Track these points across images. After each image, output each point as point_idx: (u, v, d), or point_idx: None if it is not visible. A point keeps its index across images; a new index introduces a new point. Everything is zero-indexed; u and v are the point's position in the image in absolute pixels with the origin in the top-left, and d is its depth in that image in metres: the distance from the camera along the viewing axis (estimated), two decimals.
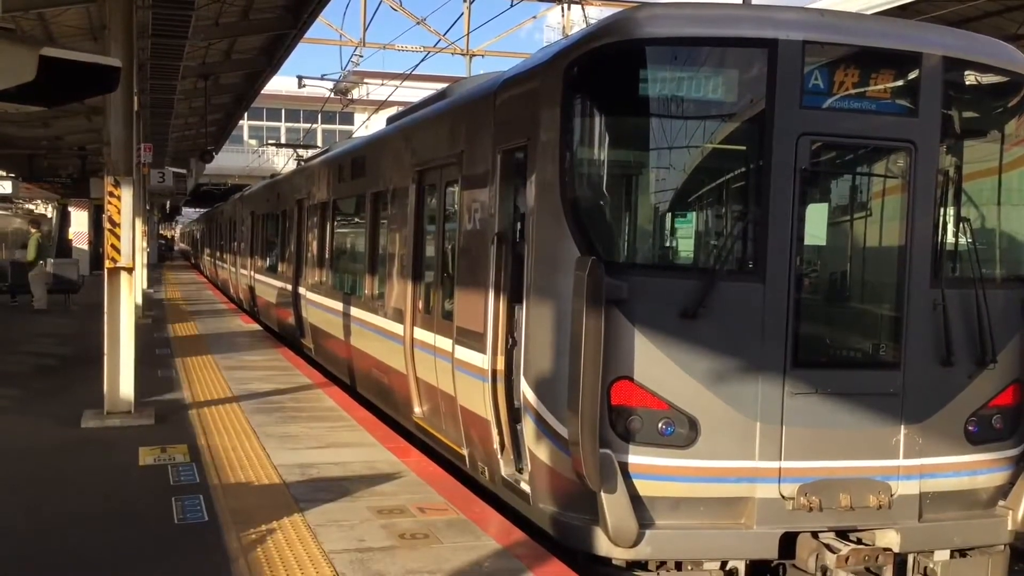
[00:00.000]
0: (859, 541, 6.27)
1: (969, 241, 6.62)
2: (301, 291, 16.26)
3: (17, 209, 42.46)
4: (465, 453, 8.17)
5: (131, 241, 10.07)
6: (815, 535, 6.19)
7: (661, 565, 6.13)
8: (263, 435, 9.45)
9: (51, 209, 42.82)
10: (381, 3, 24.00)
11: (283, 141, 47.27)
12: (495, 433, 7.30)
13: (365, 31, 25.19)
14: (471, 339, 7.67)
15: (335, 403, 11.36)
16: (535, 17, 36.49)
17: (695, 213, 6.85)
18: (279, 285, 18.70)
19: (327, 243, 14.52)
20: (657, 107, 6.42)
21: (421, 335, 9.26)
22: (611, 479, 5.88)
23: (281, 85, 46.68)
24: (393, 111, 16.37)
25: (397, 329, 9.93)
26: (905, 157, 6.43)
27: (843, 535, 6.27)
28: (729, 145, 6.62)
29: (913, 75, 6.37)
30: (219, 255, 34.49)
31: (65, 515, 6.95)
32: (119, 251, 9.99)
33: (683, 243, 6.98)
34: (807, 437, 6.20)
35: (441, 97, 10.31)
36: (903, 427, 6.37)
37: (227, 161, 47.36)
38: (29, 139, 27.62)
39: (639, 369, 6.05)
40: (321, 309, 14.53)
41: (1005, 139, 6.88)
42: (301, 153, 26.24)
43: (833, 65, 6.23)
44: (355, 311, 12.16)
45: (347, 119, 52.06)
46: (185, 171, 34.68)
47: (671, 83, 6.38)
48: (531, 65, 7.28)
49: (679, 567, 6.14)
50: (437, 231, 9.13)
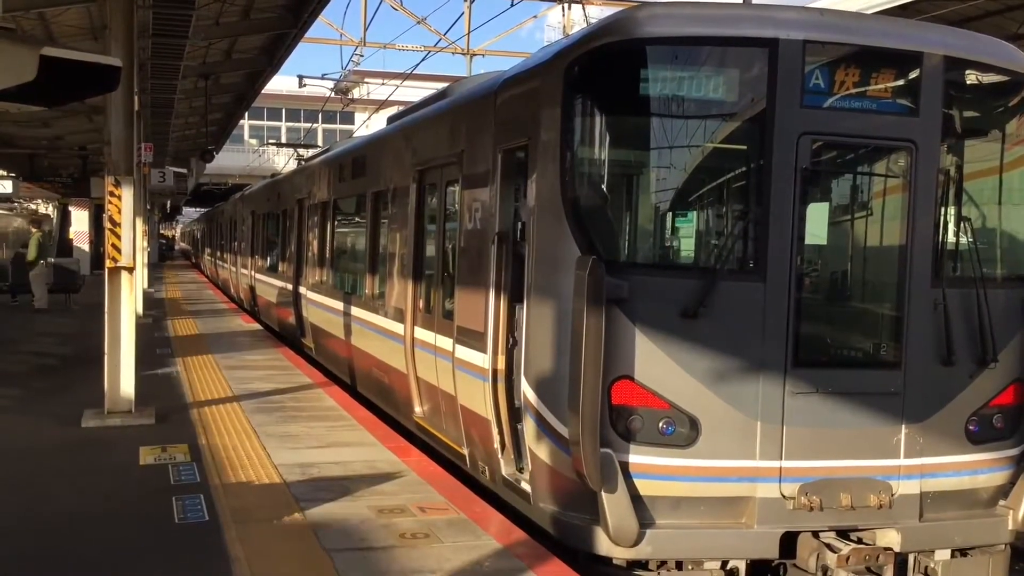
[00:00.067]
0: (860, 541, 6.26)
1: (970, 240, 6.61)
2: (302, 291, 16.26)
3: (23, 209, 42.36)
4: (465, 453, 8.17)
5: (132, 241, 10.08)
6: (816, 535, 6.19)
7: (662, 565, 6.13)
8: (263, 434, 9.45)
9: (52, 209, 42.81)
10: (381, 3, 24.02)
11: (284, 141, 47.23)
12: (495, 432, 7.30)
13: (365, 31, 25.20)
14: (472, 338, 7.67)
15: (335, 402, 11.35)
16: (536, 17, 36.56)
17: (696, 212, 6.85)
18: (280, 285, 18.69)
19: (328, 243, 14.51)
20: (658, 106, 6.42)
21: (422, 334, 9.26)
22: (612, 479, 5.88)
23: (282, 85, 46.68)
24: (393, 111, 16.37)
25: (398, 329, 9.93)
26: (906, 157, 6.42)
27: (844, 535, 6.26)
28: (730, 145, 6.61)
29: (914, 75, 6.36)
30: (220, 255, 34.48)
31: (65, 515, 6.95)
32: (119, 251, 10.00)
33: (684, 242, 6.97)
34: (808, 437, 6.20)
35: (441, 97, 10.31)
36: (904, 427, 6.37)
37: (228, 161, 47.34)
38: (30, 139, 27.63)
39: (640, 369, 6.05)
40: (322, 309, 14.52)
41: (1006, 138, 6.87)
42: (301, 153, 26.24)
43: (834, 64, 6.23)
44: (356, 311, 12.16)
45: (348, 119, 52.03)
46: (186, 171, 34.69)
47: (671, 82, 6.37)
48: (531, 65, 7.28)
49: (680, 567, 6.13)
50: (438, 231, 9.12)
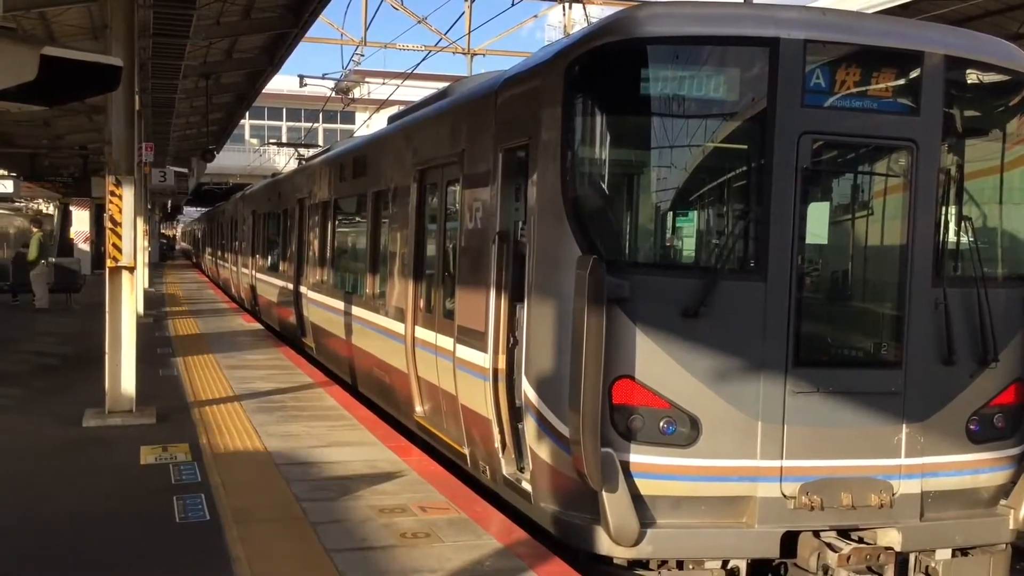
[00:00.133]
0: (861, 540, 6.26)
1: (971, 240, 6.61)
2: (302, 290, 16.26)
3: (28, 209, 42.27)
4: (466, 452, 8.17)
5: (132, 240, 10.08)
6: (816, 534, 6.18)
7: (662, 564, 6.13)
8: (264, 434, 9.45)
9: (53, 208, 42.80)
10: (382, 2, 24.05)
11: (284, 140, 47.24)
12: (496, 432, 7.30)
13: (366, 30, 25.21)
14: (472, 338, 7.66)
15: (336, 402, 11.35)
16: (536, 16, 36.61)
17: (696, 212, 6.85)
18: (280, 284, 18.70)
19: (328, 242, 14.51)
20: (658, 106, 6.42)
21: (422, 334, 9.26)
22: (612, 478, 5.88)
23: (282, 84, 46.67)
24: (394, 110, 16.38)
25: (398, 328, 9.93)
26: (907, 156, 6.42)
27: (845, 534, 6.26)
28: (730, 144, 6.61)
29: (915, 74, 6.36)
30: (220, 254, 34.48)
31: (66, 514, 6.95)
32: (120, 250, 10.00)
33: (684, 242, 6.97)
34: (808, 436, 6.20)
35: (442, 96, 10.30)
36: (905, 426, 6.36)
37: (228, 160, 47.38)
38: (30, 138, 27.66)
39: (640, 368, 6.05)
40: (322, 308, 14.52)
41: (1007, 138, 6.87)
42: (302, 152, 26.24)
43: (835, 64, 6.22)
44: (356, 310, 12.16)
45: (348, 118, 52.05)
46: (186, 170, 34.69)
47: (672, 82, 6.37)
48: (532, 64, 7.27)
49: (680, 566, 6.13)
50: (438, 230, 9.12)
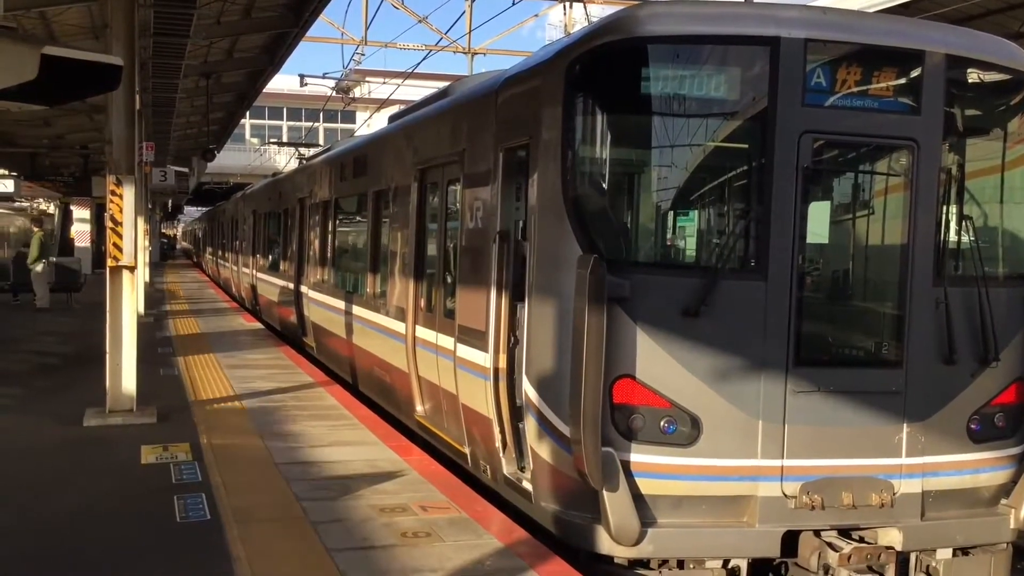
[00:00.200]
0: (861, 539, 6.26)
1: (971, 239, 6.60)
2: (303, 290, 16.26)
3: (33, 209, 42.24)
4: (467, 451, 8.17)
5: (133, 240, 10.08)
6: (817, 533, 6.18)
7: (663, 564, 6.13)
8: (265, 433, 9.43)
9: (53, 208, 42.80)
10: (383, 1, 24.06)
11: (285, 140, 47.25)
12: (497, 431, 7.29)
13: (367, 29, 25.17)
14: (473, 337, 7.66)
15: (337, 401, 11.35)
16: (537, 15, 36.65)
17: (697, 211, 6.84)
18: (281, 284, 18.70)
19: (329, 242, 14.51)
20: (659, 105, 6.41)
21: (423, 333, 9.26)
22: (613, 477, 5.88)
23: (283, 84, 46.74)
24: (395, 109, 16.37)
25: (399, 327, 9.93)
26: (907, 155, 6.42)
27: (845, 533, 6.26)
28: (731, 143, 6.61)
29: (915, 73, 6.36)
30: (221, 254, 34.49)
31: (66, 514, 6.95)
32: (121, 250, 10.00)
33: (685, 241, 6.97)
34: (809, 435, 6.19)
35: (443, 96, 10.30)
36: (905, 425, 6.36)
37: (229, 160, 47.43)
38: (31, 138, 27.65)
39: (641, 367, 6.05)
40: (323, 308, 14.52)
41: (1008, 137, 6.87)
42: (303, 152, 26.24)
43: (835, 63, 6.22)
44: (357, 310, 12.16)
45: (349, 118, 52.10)
46: (187, 170, 34.74)
47: (673, 81, 6.37)
48: (533, 63, 7.27)
49: (681, 566, 6.13)
50: (439, 229, 9.12)
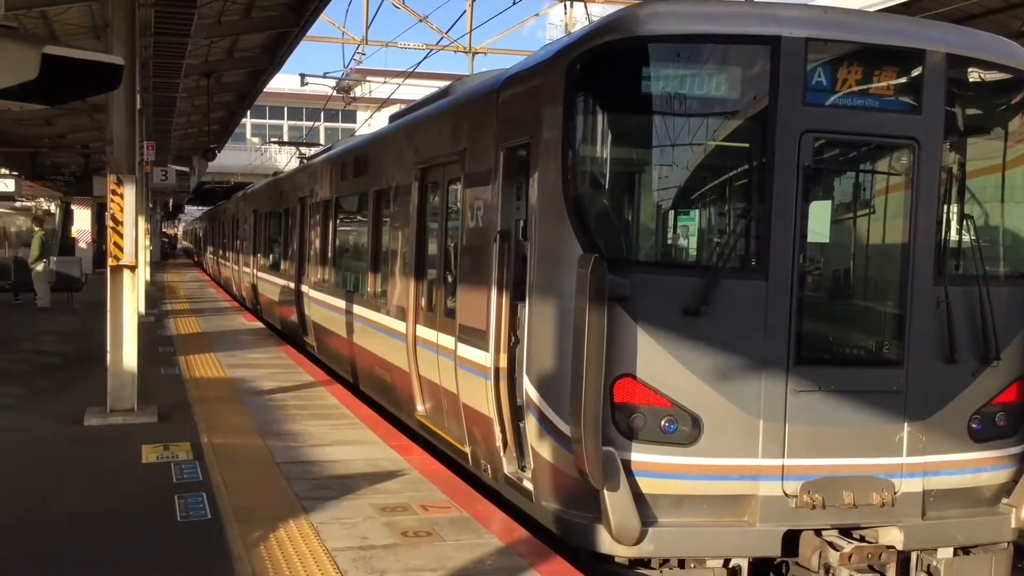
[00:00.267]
0: (862, 539, 6.25)
1: (972, 238, 6.60)
2: (304, 289, 16.26)
3: (38, 209, 42.22)
4: (468, 451, 8.17)
5: (134, 239, 10.08)
6: (818, 533, 6.18)
7: (664, 563, 6.12)
8: (266, 433, 9.44)
9: (54, 207, 42.79)
10: (383, 1, 24.03)
11: (286, 139, 47.28)
12: (498, 431, 7.29)
13: (367, 29, 25.14)
14: (474, 337, 7.66)
15: (337, 401, 11.36)
16: (538, 15, 36.80)
17: (698, 210, 6.84)
18: (282, 283, 18.70)
19: (330, 241, 14.51)
20: (660, 104, 6.41)
21: (424, 333, 9.26)
22: (614, 477, 5.88)
23: (284, 83, 46.78)
24: (395, 109, 16.36)
25: (400, 327, 9.93)
26: (908, 154, 6.41)
27: (846, 533, 6.26)
28: (732, 142, 6.60)
29: (916, 72, 6.35)
30: (222, 253, 34.49)
31: (67, 513, 6.95)
32: (122, 249, 10.00)
33: (686, 240, 6.96)
34: (810, 434, 6.19)
35: (443, 95, 10.30)
36: (906, 425, 6.36)
37: (230, 159, 47.42)
38: (32, 137, 27.66)
39: (642, 366, 6.05)
40: (323, 307, 14.52)
41: (1008, 136, 6.86)
42: (304, 151, 26.24)
43: (836, 62, 6.22)
44: (357, 309, 12.16)
45: (349, 117, 52.11)
46: (188, 169, 34.75)
47: (674, 80, 6.36)
48: (533, 63, 7.27)
49: (682, 565, 6.13)
50: (440, 229, 9.12)
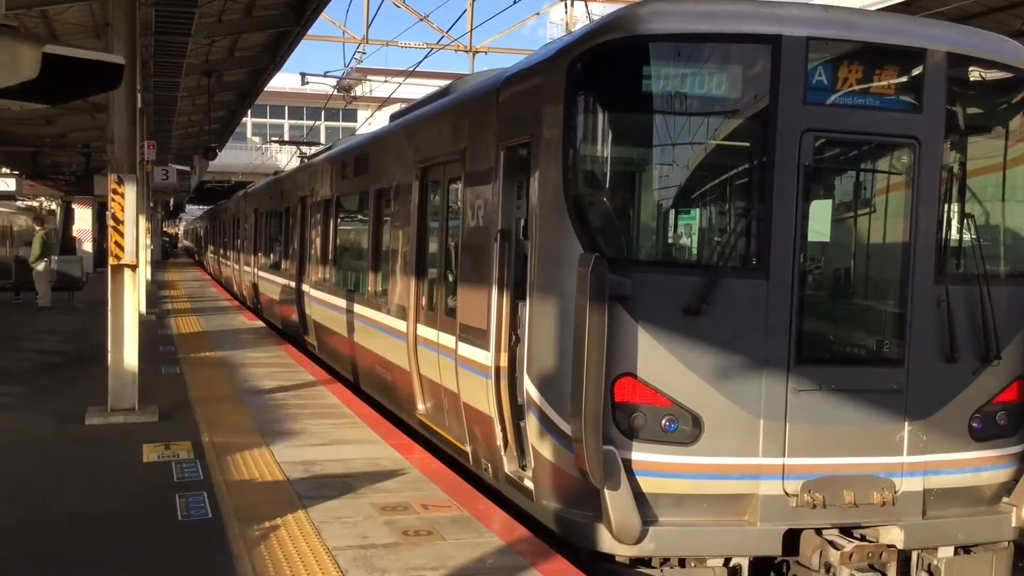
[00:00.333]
0: (863, 538, 6.25)
1: (973, 237, 6.60)
2: (304, 288, 16.27)
3: (43, 209, 42.22)
4: (468, 450, 8.17)
5: (135, 238, 10.08)
6: (819, 532, 6.19)
7: (664, 562, 6.13)
8: (266, 432, 9.45)
9: (55, 206, 42.80)
10: (384, 0, 24.00)
11: (286, 138, 47.28)
12: (498, 430, 7.30)
13: (368, 28, 25.12)
14: (474, 336, 7.67)
15: (338, 400, 11.36)
16: (538, 14, 36.76)
17: (698, 210, 6.84)
18: (282, 282, 18.71)
19: (330, 240, 14.51)
20: (660, 103, 6.41)
21: (424, 332, 9.26)
22: (614, 476, 5.88)
23: (284, 82, 46.80)
24: (396, 108, 16.36)
25: (400, 326, 9.93)
26: (909, 153, 6.41)
27: (847, 532, 6.26)
28: (733, 142, 6.60)
29: (917, 71, 6.35)
30: (223, 252, 34.51)
31: (68, 512, 6.96)
32: (123, 248, 10.01)
33: (686, 240, 6.96)
34: (811, 434, 6.19)
35: (444, 94, 10.30)
36: (907, 424, 6.36)
37: (230, 158, 47.45)
38: (33, 136, 27.65)
39: (642, 366, 6.05)
40: (324, 306, 14.53)
41: (1009, 135, 6.86)
42: (304, 150, 26.24)
43: (837, 61, 6.22)
44: (358, 308, 12.16)
45: (350, 116, 52.10)
46: (188, 168, 34.77)
47: (674, 79, 6.36)
48: (534, 62, 7.27)
49: (682, 564, 6.13)
50: (440, 228, 9.12)
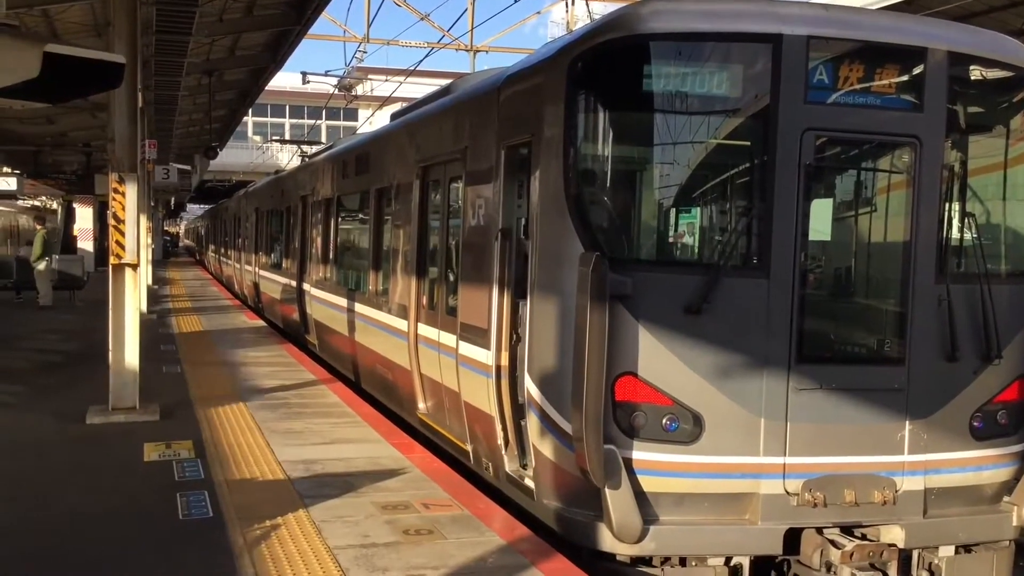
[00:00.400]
0: (864, 537, 6.26)
1: (974, 236, 6.60)
2: (305, 287, 16.27)
3: (46, 209, 42.25)
4: (469, 449, 8.17)
5: (136, 238, 10.08)
6: (820, 531, 6.19)
7: (665, 561, 6.13)
8: (267, 431, 9.46)
9: (56, 205, 42.84)
10: None
11: (287, 137, 47.29)
12: (499, 429, 7.30)
13: (369, 27, 25.06)
14: (475, 335, 7.67)
15: (339, 399, 11.36)
16: (539, 13, 36.80)
17: (699, 209, 6.84)
18: (283, 281, 18.72)
19: (331, 239, 14.52)
20: (661, 103, 6.41)
21: (425, 331, 9.26)
22: (615, 475, 5.88)
23: (285, 81, 46.78)
24: (397, 107, 16.35)
25: (401, 325, 9.93)
26: (910, 152, 6.41)
27: (848, 531, 6.26)
28: (733, 141, 6.60)
29: (918, 70, 6.35)
30: (223, 251, 34.51)
31: (68, 512, 6.96)
32: (123, 247, 10.01)
33: (687, 239, 6.96)
34: (812, 433, 6.19)
35: (445, 93, 10.30)
36: (908, 423, 6.36)
37: (231, 157, 47.42)
38: (34, 135, 27.65)
39: (643, 365, 6.05)
40: (325, 305, 14.53)
41: (1010, 134, 6.86)
42: (305, 149, 26.25)
43: (838, 60, 6.22)
44: (359, 307, 12.17)
45: (351, 115, 52.10)
46: (189, 167, 34.76)
47: (675, 78, 6.36)
48: (535, 61, 7.27)
49: (683, 563, 6.13)
50: (441, 227, 9.12)
